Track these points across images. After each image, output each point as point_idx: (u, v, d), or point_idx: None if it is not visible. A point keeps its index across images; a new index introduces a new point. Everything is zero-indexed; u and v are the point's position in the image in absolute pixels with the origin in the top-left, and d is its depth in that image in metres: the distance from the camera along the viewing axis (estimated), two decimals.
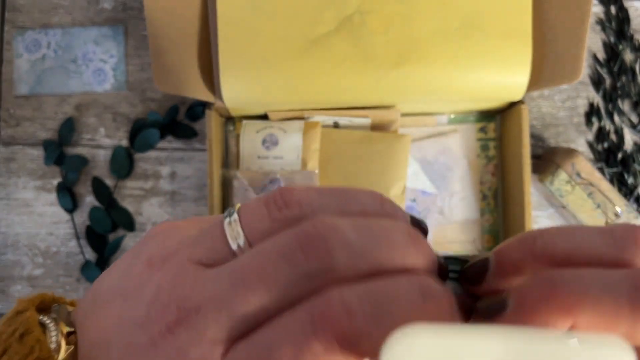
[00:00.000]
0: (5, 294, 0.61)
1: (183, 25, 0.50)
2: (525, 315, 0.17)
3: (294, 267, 0.16)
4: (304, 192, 0.19)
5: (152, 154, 0.61)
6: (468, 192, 0.59)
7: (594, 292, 0.16)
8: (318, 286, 0.16)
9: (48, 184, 0.61)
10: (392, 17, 0.49)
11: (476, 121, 0.60)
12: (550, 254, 0.18)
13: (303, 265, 0.16)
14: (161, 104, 0.61)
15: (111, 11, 0.62)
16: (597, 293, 0.16)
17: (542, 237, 0.18)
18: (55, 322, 0.20)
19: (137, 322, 0.18)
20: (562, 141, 0.61)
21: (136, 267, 0.19)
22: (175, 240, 0.20)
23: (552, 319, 0.16)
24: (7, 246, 0.61)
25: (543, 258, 0.18)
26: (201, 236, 0.19)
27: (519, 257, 0.18)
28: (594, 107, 0.61)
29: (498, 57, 0.49)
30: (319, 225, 0.17)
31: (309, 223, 0.17)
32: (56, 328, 0.20)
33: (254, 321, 0.17)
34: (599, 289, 0.16)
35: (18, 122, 0.61)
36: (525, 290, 0.17)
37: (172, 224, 0.21)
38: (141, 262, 0.19)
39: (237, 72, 0.50)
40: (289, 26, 0.49)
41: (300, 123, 0.55)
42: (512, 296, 0.17)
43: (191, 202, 0.61)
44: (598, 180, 0.55)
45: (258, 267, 0.17)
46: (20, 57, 0.61)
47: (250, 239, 0.18)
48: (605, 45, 0.62)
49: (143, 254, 0.20)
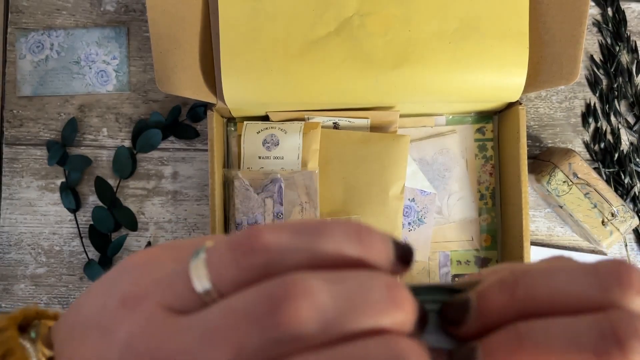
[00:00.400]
0: (9, 293, 0.62)
1: (185, 27, 0.50)
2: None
3: (263, 332, 0.16)
4: (273, 235, 0.18)
5: (155, 154, 0.62)
6: (466, 192, 0.60)
7: (560, 345, 0.17)
8: (285, 352, 0.16)
9: (51, 184, 0.62)
10: (391, 19, 0.50)
11: (474, 122, 0.60)
12: (531, 300, 0.18)
13: (272, 332, 0.16)
14: (163, 104, 0.62)
15: (114, 13, 0.62)
16: (564, 346, 0.17)
17: (524, 282, 0.18)
18: (33, 343, 0.20)
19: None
20: (559, 141, 0.62)
21: (111, 303, 0.20)
22: (149, 279, 0.20)
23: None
24: (11, 245, 0.62)
25: (524, 303, 0.18)
26: (172, 277, 0.19)
27: (500, 303, 0.18)
28: (591, 107, 0.62)
29: (496, 59, 0.50)
30: (290, 288, 0.16)
31: (280, 282, 0.16)
32: (35, 351, 0.20)
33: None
34: (565, 341, 0.17)
35: (22, 123, 0.62)
36: (493, 342, 0.18)
37: (148, 256, 0.21)
38: (116, 300, 0.20)
39: (238, 73, 0.50)
40: (289, 28, 0.50)
41: (300, 124, 0.56)
42: (482, 347, 0.18)
43: (193, 201, 0.62)
44: (595, 181, 0.55)
45: (226, 327, 0.17)
46: (24, 58, 0.62)
47: (219, 286, 0.18)
48: (602, 47, 0.62)
49: (118, 290, 0.20)
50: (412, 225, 0.59)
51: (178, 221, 0.62)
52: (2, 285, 0.62)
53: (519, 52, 0.50)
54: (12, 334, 0.20)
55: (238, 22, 0.50)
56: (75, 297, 0.62)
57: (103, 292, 0.21)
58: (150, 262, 0.21)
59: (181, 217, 0.62)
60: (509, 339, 0.18)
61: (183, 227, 0.62)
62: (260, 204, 0.54)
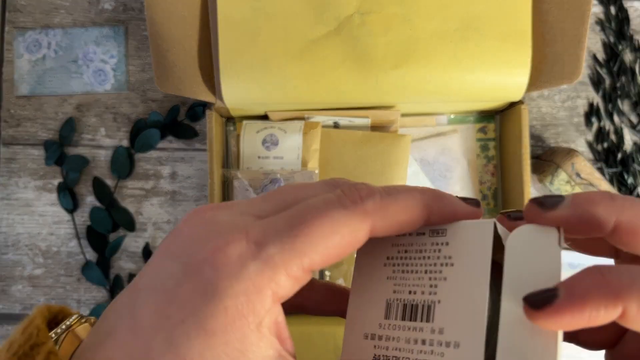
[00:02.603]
0: (6, 294, 0.61)
1: (183, 26, 0.50)
2: (575, 302, 0.17)
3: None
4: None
5: (153, 154, 0.61)
6: (468, 192, 0.59)
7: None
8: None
9: (49, 184, 0.61)
10: (391, 18, 0.50)
11: (476, 121, 0.60)
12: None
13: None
14: (162, 104, 0.61)
15: (112, 12, 0.62)
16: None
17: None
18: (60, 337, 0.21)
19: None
20: (562, 141, 0.61)
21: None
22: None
23: (601, 305, 0.17)
24: (8, 246, 0.61)
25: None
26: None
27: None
28: (594, 107, 0.61)
29: (498, 58, 0.49)
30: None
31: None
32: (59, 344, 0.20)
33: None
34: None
35: (19, 123, 0.62)
36: (575, 279, 0.17)
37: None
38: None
39: (237, 72, 0.50)
40: (289, 27, 0.49)
41: (300, 123, 0.55)
42: (562, 285, 0.17)
43: (192, 202, 0.61)
44: (598, 181, 0.55)
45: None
46: (21, 57, 0.61)
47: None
48: (605, 46, 0.62)
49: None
50: None
51: (177, 222, 0.61)
52: (0, 286, 0.61)
53: (521, 51, 0.49)
54: (41, 327, 0.20)
55: (237, 20, 0.49)
56: (72, 299, 0.61)
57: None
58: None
59: (180, 218, 0.61)
60: (591, 275, 0.17)
61: None
62: None
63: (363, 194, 0.20)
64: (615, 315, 0.17)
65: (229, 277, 0.18)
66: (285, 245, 0.18)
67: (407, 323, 0.20)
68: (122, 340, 0.18)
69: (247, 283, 0.18)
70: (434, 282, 0.20)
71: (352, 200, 0.19)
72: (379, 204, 0.19)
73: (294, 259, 0.18)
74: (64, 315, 0.22)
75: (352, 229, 0.19)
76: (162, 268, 0.19)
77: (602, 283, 0.17)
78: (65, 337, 0.21)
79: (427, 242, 0.21)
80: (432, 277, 0.20)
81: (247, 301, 0.18)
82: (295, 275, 0.18)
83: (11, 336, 0.20)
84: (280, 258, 0.18)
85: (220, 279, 0.18)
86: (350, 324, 0.22)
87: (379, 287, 0.22)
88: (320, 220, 0.18)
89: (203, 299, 0.18)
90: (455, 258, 0.20)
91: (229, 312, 0.17)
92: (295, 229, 0.18)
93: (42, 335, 0.19)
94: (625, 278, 0.17)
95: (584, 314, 0.17)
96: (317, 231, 0.18)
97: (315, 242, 0.18)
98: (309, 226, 0.18)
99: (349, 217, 0.19)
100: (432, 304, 0.20)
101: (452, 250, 0.20)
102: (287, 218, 0.19)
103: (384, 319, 0.21)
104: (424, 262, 0.21)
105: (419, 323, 0.20)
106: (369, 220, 0.19)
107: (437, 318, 0.20)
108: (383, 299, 0.21)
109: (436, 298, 0.20)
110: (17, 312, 0.61)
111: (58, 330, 0.21)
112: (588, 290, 0.17)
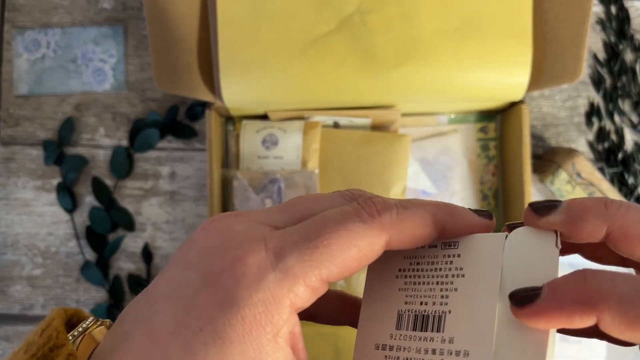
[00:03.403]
0: (5, 294, 0.61)
1: (183, 25, 0.50)
2: (553, 304, 0.17)
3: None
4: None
5: (152, 154, 0.61)
6: (468, 192, 0.59)
7: (621, 291, 0.17)
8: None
9: (48, 184, 0.61)
10: (392, 17, 0.49)
11: (476, 121, 0.60)
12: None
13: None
14: (161, 103, 0.61)
15: (111, 11, 0.62)
16: (625, 292, 0.17)
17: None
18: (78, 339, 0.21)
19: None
20: (563, 141, 0.61)
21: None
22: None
23: (577, 312, 0.17)
24: (7, 246, 0.61)
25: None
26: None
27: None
28: (595, 107, 0.61)
29: (498, 57, 0.49)
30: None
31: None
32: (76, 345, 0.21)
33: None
34: (628, 289, 0.17)
35: (18, 122, 0.61)
36: (559, 281, 0.18)
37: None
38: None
39: (237, 71, 0.50)
40: (289, 26, 0.49)
41: (300, 123, 0.55)
42: (548, 286, 0.18)
43: (191, 202, 0.61)
44: (598, 180, 0.55)
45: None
46: (20, 56, 0.61)
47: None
48: (606, 45, 0.61)
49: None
50: None
51: (176, 222, 0.61)
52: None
53: (522, 50, 0.49)
54: (60, 329, 0.20)
55: (237, 19, 0.49)
56: (71, 299, 0.61)
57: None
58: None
59: (179, 218, 0.61)
60: (574, 279, 0.18)
61: (181, 228, 0.61)
62: (259, 204, 0.53)
63: (380, 207, 0.20)
64: (591, 322, 0.17)
65: (248, 288, 0.18)
66: (304, 257, 0.18)
67: (418, 333, 0.21)
68: (139, 346, 0.18)
69: (266, 293, 0.18)
70: (445, 293, 0.21)
71: (369, 214, 0.20)
72: (395, 218, 0.20)
73: (312, 270, 0.18)
74: (78, 318, 0.22)
75: (370, 242, 0.19)
76: (180, 276, 0.20)
77: (580, 290, 0.17)
78: (82, 339, 0.21)
79: (439, 254, 0.22)
80: (443, 288, 0.21)
81: (265, 311, 0.18)
82: (313, 286, 0.19)
83: (28, 338, 0.21)
84: (300, 269, 0.18)
85: (239, 289, 0.18)
86: (361, 335, 0.22)
87: (391, 298, 0.22)
88: (338, 233, 0.19)
89: (222, 308, 0.18)
90: (466, 269, 0.20)
91: (246, 322, 0.18)
92: (314, 241, 0.19)
93: (62, 337, 0.20)
94: (605, 286, 0.17)
95: (561, 317, 0.17)
96: (336, 243, 0.19)
97: (334, 255, 0.19)
98: (328, 238, 0.19)
99: (366, 231, 0.19)
100: (443, 314, 0.20)
101: (464, 262, 0.21)
102: (305, 229, 0.19)
103: (395, 330, 0.21)
104: (436, 273, 0.21)
105: (429, 333, 0.20)
106: (385, 234, 0.20)
107: (447, 328, 0.20)
108: (395, 310, 0.22)
109: (447, 308, 0.20)
110: (16, 313, 0.61)
111: (75, 333, 0.21)
112: (567, 295, 0.17)
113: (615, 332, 0.17)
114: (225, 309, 0.18)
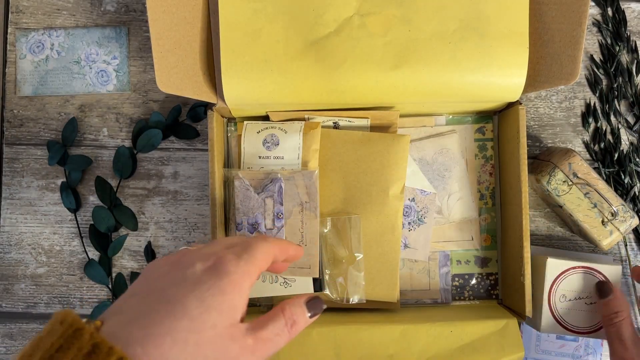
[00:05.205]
0: (10, 293, 0.62)
1: (185, 27, 0.50)
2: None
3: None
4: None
5: (155, 154, 0.62)
6: (466, 192, 0.60)
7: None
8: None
9: (52, 184, 0.62)
10: (391, 19, 0.50)
11: (474, 122, 0.60)
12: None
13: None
14: (163, 104, 0.62)
15: (114, 13, 0.62)
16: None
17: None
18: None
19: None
20: (559, 141, 0.62)
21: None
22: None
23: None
24: (11, 245, 0.62)
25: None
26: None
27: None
28: (591, 107, 0.62)
29: (495, 59, 0.50)
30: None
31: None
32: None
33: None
34: None
35: (22, 123, 0.62)
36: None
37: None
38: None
39: (238, 73, 0.50)
40: (289, 28, 0.50)
41: (300, 124, 0.56)
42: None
43: (193, 201, 0.62)
44: (595, 180, 0.55)
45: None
46: (24, 58, 0.62)
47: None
48: (602, 47, 0.62)
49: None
50: (412, 225, 0.59)
51: (178, 221, 0.62)
52: (3, 285, 0.62)
53: (518, 52, 0.50)
54: (76, 318, 0.27)
55: (238, 22, 0.50)
56: (75, 297, 0.62)
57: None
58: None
59: (181, 217, 0.62)
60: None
61: (183, 227, 0.62)
62: (260, 204, 0.54)
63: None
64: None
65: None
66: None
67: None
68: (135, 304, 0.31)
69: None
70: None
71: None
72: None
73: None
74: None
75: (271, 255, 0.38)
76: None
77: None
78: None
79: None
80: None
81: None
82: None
83: (46, 327, 0.27)
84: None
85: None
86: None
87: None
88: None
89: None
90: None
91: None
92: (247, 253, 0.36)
93: (81, 324, 0.26)
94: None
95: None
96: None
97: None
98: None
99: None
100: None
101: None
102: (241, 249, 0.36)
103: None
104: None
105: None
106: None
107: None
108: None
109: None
110: (20, 311, 0.62)
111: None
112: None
113: None
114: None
